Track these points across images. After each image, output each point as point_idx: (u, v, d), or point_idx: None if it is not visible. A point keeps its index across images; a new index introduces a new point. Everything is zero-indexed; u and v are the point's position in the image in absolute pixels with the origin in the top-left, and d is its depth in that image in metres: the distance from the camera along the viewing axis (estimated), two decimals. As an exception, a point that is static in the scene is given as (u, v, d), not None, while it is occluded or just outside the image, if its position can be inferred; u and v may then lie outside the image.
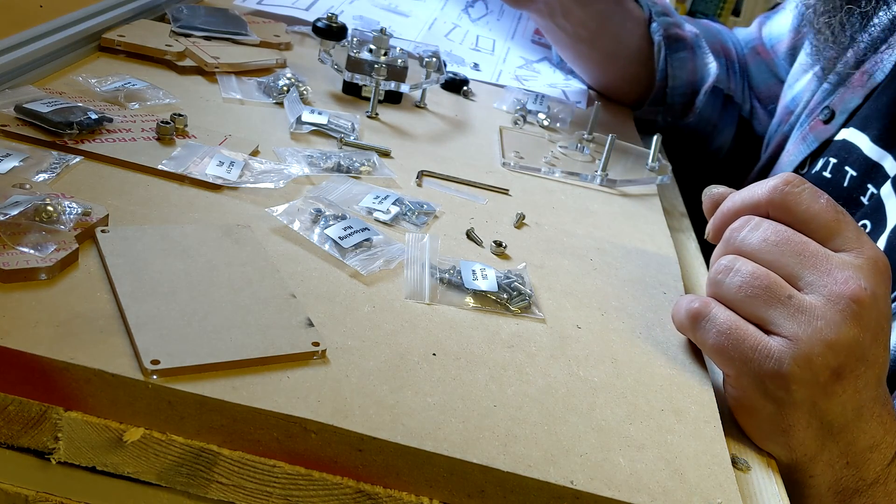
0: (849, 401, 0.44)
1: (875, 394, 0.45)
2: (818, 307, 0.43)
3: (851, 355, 0.43)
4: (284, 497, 0.37)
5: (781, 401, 0.43)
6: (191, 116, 0.59)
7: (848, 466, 0.45)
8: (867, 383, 0.44)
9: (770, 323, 0.44)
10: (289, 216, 0.50)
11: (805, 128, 0.74)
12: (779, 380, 0.43)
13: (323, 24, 0.74)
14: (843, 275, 0.43)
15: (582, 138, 0.77)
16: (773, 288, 0.44)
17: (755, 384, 0.44)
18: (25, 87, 0.58)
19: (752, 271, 0.45)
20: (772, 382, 0.43)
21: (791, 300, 0.43)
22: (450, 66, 0.90)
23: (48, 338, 0.36)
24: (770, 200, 0.47)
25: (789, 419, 0.43)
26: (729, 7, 1.84)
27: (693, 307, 0.47)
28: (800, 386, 0.43)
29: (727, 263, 0.46)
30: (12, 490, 0.36)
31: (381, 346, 0.42)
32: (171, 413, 0.36)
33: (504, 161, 0.69)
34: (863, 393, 0.44)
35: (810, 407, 0.43)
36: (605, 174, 0.70)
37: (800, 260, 0.45)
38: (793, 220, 0.46)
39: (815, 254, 0.45)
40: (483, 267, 0.50)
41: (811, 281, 0.44)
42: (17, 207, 0.42)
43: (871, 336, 0.43)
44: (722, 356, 0.45)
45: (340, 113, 0.69)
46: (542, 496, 0.36)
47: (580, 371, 0.44)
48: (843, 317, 0.42)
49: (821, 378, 0.42)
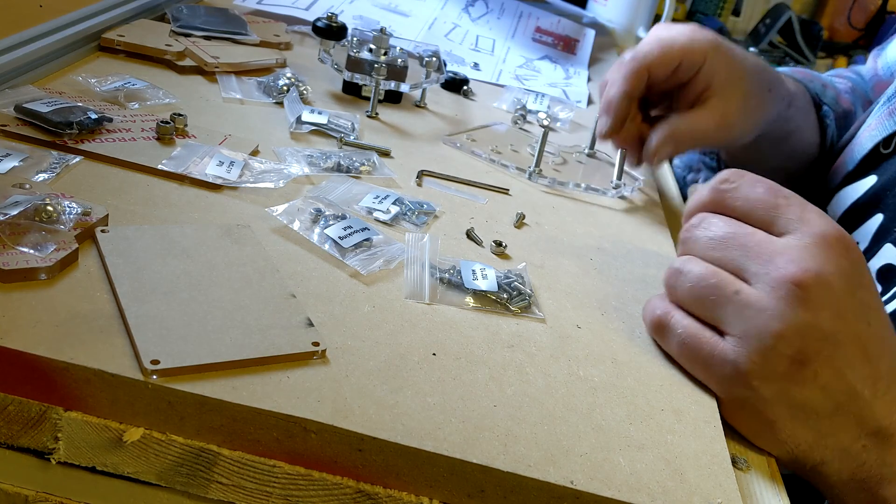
0: (831, 383, 0.42)
1: (870, 371, 0.43)
2: (763, 298, 0.43)
3: (808, 339, 0.42)
4: (284, 497, 0.37)
5: (752, 399, 0.43)
6: (191, 116, 0.59)
7: (866, 450, 0.43)
8: (849, 362, 0.43)
9: (722, 323, 0.44)
10: (289, 216, 0.50)
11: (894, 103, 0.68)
12: (740, 380, 0.43)
13: (323, 24, 0.74)
14: (783, 259, 0.43)
15: (583, 152, 0.76)
16: (720, 286, 0.44)
17: (723, 388, 0.44)
18: (25, 87, 0.58)
19: (699, 272, 0.45)
20: (736, 384, 0.43)
21: (738, 296, 0.43)
22: (450, 66, 0.90)
23: (48, 338, 0.36)
24: (711, 200, 0.48)
25: (768, 415, 0.43)
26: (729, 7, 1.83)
27: (655, 316, 0.47)
28: (761, 382, 0.42)
29: (678, 266, 0.47)
30: (12, 490, 0.36)
31: (381, 346, 0.42)
32: (170, 413, 0.36)
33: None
34: (849, 372, 0.42)
35: (784, 399, 0.43)
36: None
37: (744, 252, 0.44)
38: (736, 214, 0.46)
39: (759, 243, 0.44)
40: (483, 267, 0.50)
41: (755, 272, 0.44)
42: (17, 207, 0.42)
43: (830, 314, 0.42)
44: (687, 365, 0.46)
45: (340, 113, 0.69)
46: (542, 496, 0.36)
47: (580, 371, 0.44)
48: (788, 303, 0.42)
49: (780, 369, 0.42)
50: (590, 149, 0.75)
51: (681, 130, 0.66)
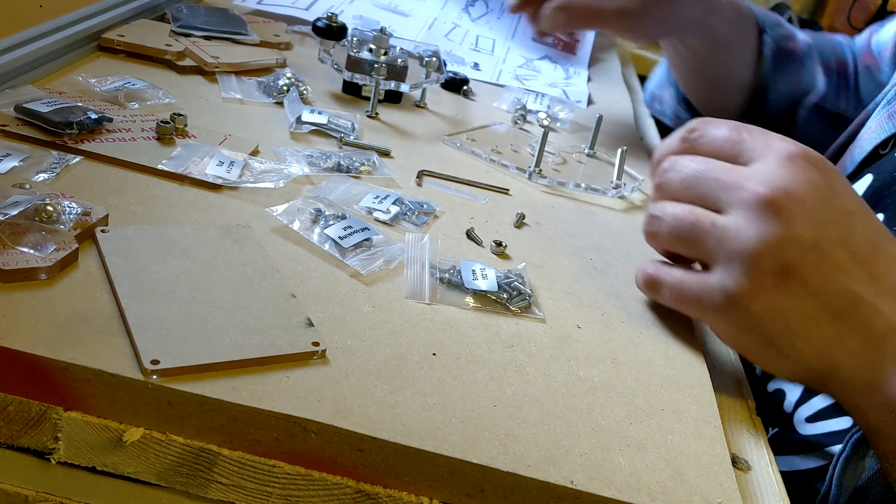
0: (824, 289, 0.43)
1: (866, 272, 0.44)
2: (738, 223, 0.44)
3: (788, 251, 0.43)
4: (284, 497, 0.37)
5: (748, 321, 0.45)
6: (191, 116, 0.59)
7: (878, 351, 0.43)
8: (838, 266, 0.43)
9: (706, 256, 0.46)
10: (289, 216, 0.50)
11: (894, 105, 0.69)
12: (733, 304, 0.44)
13: (323, 24, 0.74)
14: (752, 183, 0.45)
15: (583, 152, 0.75)
16: (697, 223, 0.47)
17: (721, 318, 0.46)
18: (25, 87, 0.58)
19: (675, 214, 0.48)
20: (731, 312, 0.45)
21: (715, 227, 0.46)
22: (450, 66, 0.90)
23: (48, 338, 0.36)
24: (680, 148, 0.50)
25: (766, 332, 0.44)
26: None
27: (646, 275, 0.51)
28: (752, 300, 0.44)
29: (655, 212, 0.50)
30: (12, 490, 0.36)
31: (381, 346, 0.42)
32: (170, 413, 0.36)
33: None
34: (840, 275, 0.43)
35: (778, 313, 0.44)
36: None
37: (715, 185, 0.47)
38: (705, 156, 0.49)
39: (727, 173, 0.46)
40: (483, 267, 0.50)
41: (727, 200, 0.46)
42: (17, 207, 0.42)
43: (806, 224, 0.44)
44: (684, 309, 0.48)
45: (340, 112, 0.69)
46: (542, 496, 0.36)
47: (580, 371, 0.44)
48: (761, 221, 0.44)
49: (767, 284, 0.43)
50: (590, 149, 0.75)
51: (577, 3, 0.74)
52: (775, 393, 0.64)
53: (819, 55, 0.89)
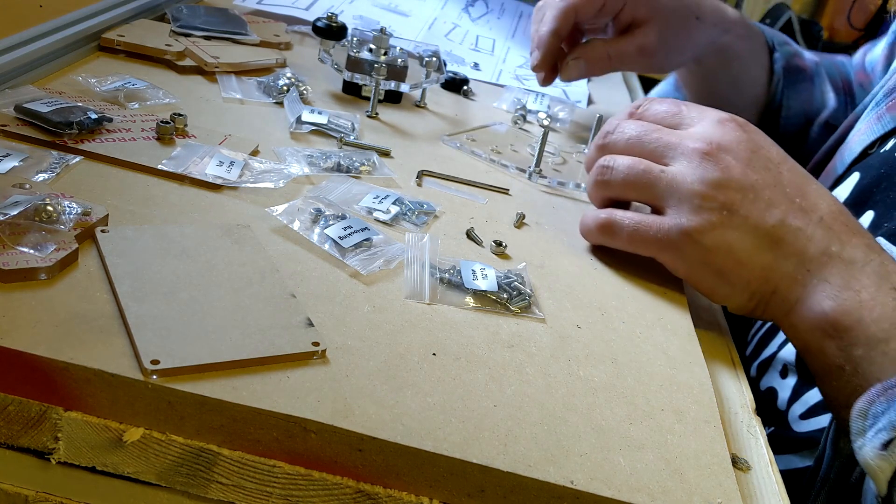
0: (761, 221, 0.51)
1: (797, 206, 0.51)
2: (683, 170, 0.52)
3: (728, 190, 0.51)
4: (284, 497, 0.37)
5: (700, 256, 0.52)
6: (191, 116, 0.59)
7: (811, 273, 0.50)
8: (772, 202, 0.51)
9: (658, 199, 0.53)
10: (289, 216, 0.50)
11: (882, 107, 0.72)
12: (687, 238, 0.52)
13: (323, 24, 0.74)
14: (691, 140, 0.53)
15: (583, 152, 0.75)
16: (648, 170, 0.54)
17: (678, 256, 0.53)
18: (25, 87, 0.58)
19: (628, 163, 0.55)
20: (686, 248, 0.52)
21: (664, 174, 0.53)
22: (450, 66, 0.90)
23: (48, 338, 0.36)
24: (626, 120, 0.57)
25: (716, 262, 0.51)
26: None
27: (600, 220, 0.56)
28: (702, 234, 0.51)
29: (606, 163, 0.56)
30: (12, 490, 0.36)
31: (381, 346, 0.42)
32: (170, 413, 0.36)
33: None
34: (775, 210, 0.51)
35: (725, 244, 0.51)
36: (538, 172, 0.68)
37: (658, 143, 0.54)
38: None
39: (668, 135, 0.55)
40: (483, 267, 0.50)
41: (671, 155, 0.54)
42: (17, 207, 0.42)
43: (739, 169, 0.52)
44: (642, 249, 0.54)
45: (340, 112, 0.69)
46: (542, 496, 0.36)
47: (580, 371, 0.44)
48: (703, 167, 0.52)
49: (714, 218, 0.51)
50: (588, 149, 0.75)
51: (597, 51, 0.77)
52: (768, 391, 0.64)
53: (827, 73, 0.90)
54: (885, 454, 0.41)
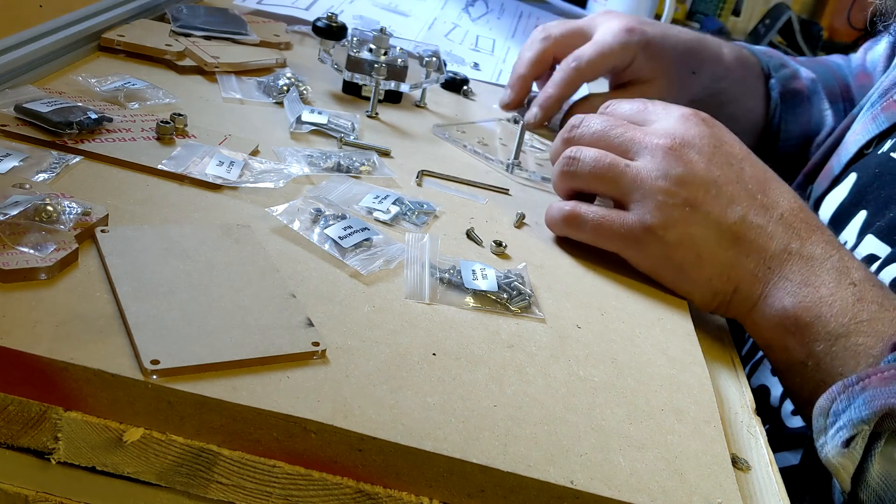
0: (723, 218, 0.51)
1: (757, 202, 0.52)
2: (647, 165, 0.53)
3: (690, 186, 0.52)
4: (284, 497, 0.37)
5: (663, 251, 0.52)
6: (191, 116, 0.59)
7: (771, 270, 0.51)
8: (733, 199, 0.52)
9: (622, 194, 0.54)
10: (289, 216, 0.50)
11: (877, 108, 0.72)
12: (650, 234, 0.52)
13: (323, 24, 0.74)
14: (655, 136, 0.54)
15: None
16: (614, 163, 0.54)
17: (641, 251, 0.53)
18: (25, 87, 0.58)
19: (594, 155, 0.55)
20: (649, 243, 0.53)
21: (629, 168, 0.53)
22: (450, 66, 0.90)
23: (48, 338, 0.36)
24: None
25: (677, 259, 0.52)
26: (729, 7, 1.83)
27: (565, 212, 0.56)
28: (665, 230, 0.52)
29: (572, 154, 0.56)
30: (12, 490, 0.36)
31: (381, 346, 0.42)
32: (170, 413, 0.36)
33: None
34: (736, 206, 0.51)
35: (687, 240, 0.52)
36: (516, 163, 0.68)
37: (623, 138, 0.55)
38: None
39: (633, 130, 0.55)
40: (483, 267, 0.50)
41: (636, 150, 0.54)
42: (17, 207, 0.42)
43: (702, 165, 0.52)
44: (605, 243, 0.55)
45: (340, 112, 0.69)
46: (542, 496, 0.36)
47: (580, 371, 0.44)
48: (667, 163, 0.52)
49: (677, 214, 0.52)
50: None
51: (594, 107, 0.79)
52: (760, 389, 0.64)
53: (824, 86, 0.90)
54: (846, 451, 0.41)
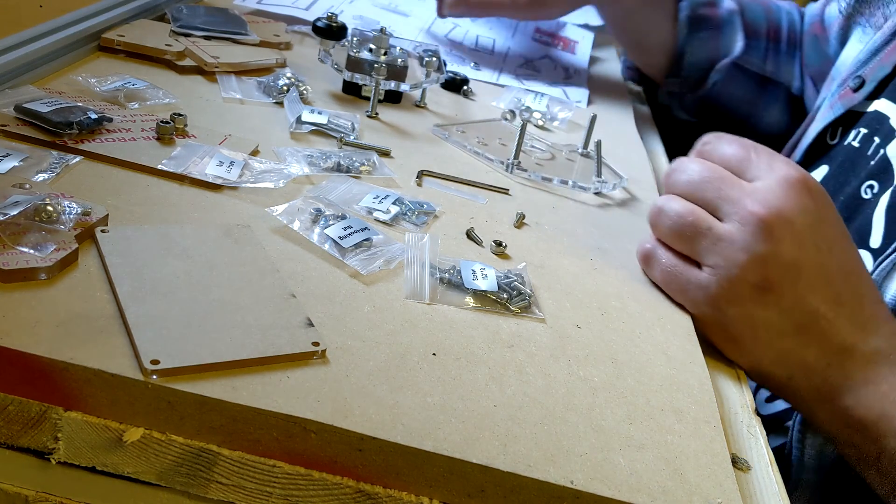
0: (793, 306, 0.48)
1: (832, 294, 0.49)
2: (732, 233, 0.49)
3: (770, 267, 0.48)
4: (284, 497, 0.37)
5: (720, 320, 0.50)
6: (191, 116, 0.59)
7: (830, 366, 0.49)
8: (811, 287, 0.48)
9: (698, 255, 0.51)
10: (289, 216, 0.50)
11: (835, 97, 0.74)
12: (711, 303, 0.50)
13: (323, 24, 0.74)
14: (751, 200, 0.49)
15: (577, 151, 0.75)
16: (696, 223, 0.51)
17: (697, 309, 0.51)
18: (25, 87, 0.58)
19: (678, 210, 0.52)
20: (707, 306, 0.50)
21: (711, 231, 0.50)
22: (450, 66, 0.90)
23: (48, 338, 0.36)
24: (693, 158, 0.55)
25: (733, 332, 0.50)
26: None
27: (644, 249, 0.55)
28: (728, 305, 0.49)
29: (660, 205, 0.54)
30: (12, 490, 0.36)
31: (381, 346, 0.42)
32: (170, 413, 0.36)
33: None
34: (810, 296, 0.48)
35: (747, 320, 0.49)
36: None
37: (718, 193, 0.51)
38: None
39: (731, 185, 0.51)
40: (483, 267, 0.50)
41: (727, 210, 0.50)
42: (17, 207, 0.42)
43: (791, 246, 0.48)
44: (669, 290, 0.53)
45: (340, 112, 0.69)
46: (542, 496, 0.36)
47: (580, 371, 0.44)
48: (754, 237, 0.48)
49: (744, 293, 0.49)
50: (583, 148, 0.75)
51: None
52: None
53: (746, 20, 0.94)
54: None
